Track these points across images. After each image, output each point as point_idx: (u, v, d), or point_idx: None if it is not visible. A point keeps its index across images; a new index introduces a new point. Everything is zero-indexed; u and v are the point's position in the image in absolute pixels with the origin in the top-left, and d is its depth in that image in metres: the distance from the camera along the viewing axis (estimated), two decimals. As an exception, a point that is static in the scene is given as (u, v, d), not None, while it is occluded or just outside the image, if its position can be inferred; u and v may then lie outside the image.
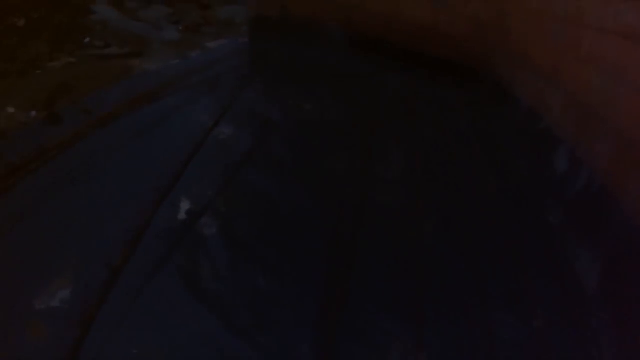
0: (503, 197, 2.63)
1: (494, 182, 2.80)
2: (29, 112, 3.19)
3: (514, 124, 3.37)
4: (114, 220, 1.78)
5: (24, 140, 2.35)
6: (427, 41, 4.38)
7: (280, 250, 1.83)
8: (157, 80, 3.10)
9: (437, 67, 4.36)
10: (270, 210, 2.04)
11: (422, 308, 1.70)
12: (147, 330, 1.39)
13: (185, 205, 1.94)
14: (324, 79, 3.87)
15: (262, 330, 1.47)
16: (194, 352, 1.35)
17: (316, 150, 2.62)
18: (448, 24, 4.38)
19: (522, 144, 3.11)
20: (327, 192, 2.24)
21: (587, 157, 2.37)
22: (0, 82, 3.55)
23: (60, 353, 1.27)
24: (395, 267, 1.88)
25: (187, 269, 1.63)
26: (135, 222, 1.78)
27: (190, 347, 1.36)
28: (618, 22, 2.37)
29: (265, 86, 3.36)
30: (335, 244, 1.92)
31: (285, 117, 2.89)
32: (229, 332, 1.43)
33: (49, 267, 1.53)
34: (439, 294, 1.78)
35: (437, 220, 2.26)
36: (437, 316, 1.68)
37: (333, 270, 1.78)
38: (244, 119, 2.77)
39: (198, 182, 2.10)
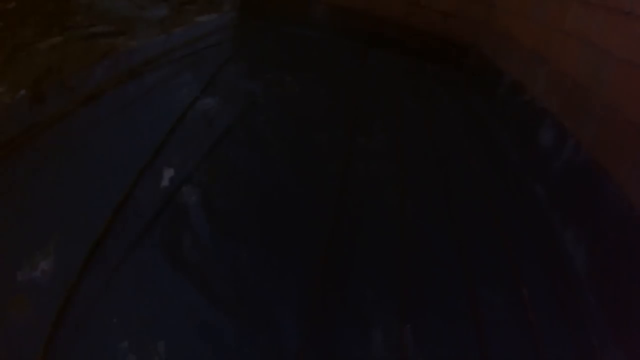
0: (488, 170, 2.64)
1: (479, 155, 2.82)
2: (17, 93, 3.17)
3: (499, 97, 3.39)
4: (97, 193, 1.79)
5: (8, 119, 2.34)
6: (412, 15, 4.37)
7: (262, 224, 1.84)
8: (140, 57, 3.08)
9: (423, 42, 4.36)
10: (253, 183, 2.04)
11: (407, 283, 1.71)
12: (128, 301, 1.40)
13: (167, 174, 1.96)
14: (308, 55, 3.87)
15: (245, 304, 1.48)
16: (176, 324, 1.37)
17: (299, 125, 2.62)
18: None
19: (506, 116, 3.13)
20: (310, 166, 2.25)
21: (572, 130, 2.38)
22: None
23: (43, 324, 1.28)
24: (380, 242, 1.89)
25: (169, 241, 1.64)
26: (118, 194, 1.78)
27: (172, 319, 1.37)
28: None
29: (249, 63, 3.35)
30: (318, 218, 1.93)
31: (268, 93, 2.89)
32: (210, 304, 1.44)
33: (32, 239, 1.53)
34: (423, 270, 1.79)
35: (420, 195, 2.27)
36: (422, 291, 1.70)
37: (316, 244, 1.79)
38: (226, 93, 2.77)
39: (180, 154, 2.10)
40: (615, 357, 1.59)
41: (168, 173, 1.96)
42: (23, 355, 1.22)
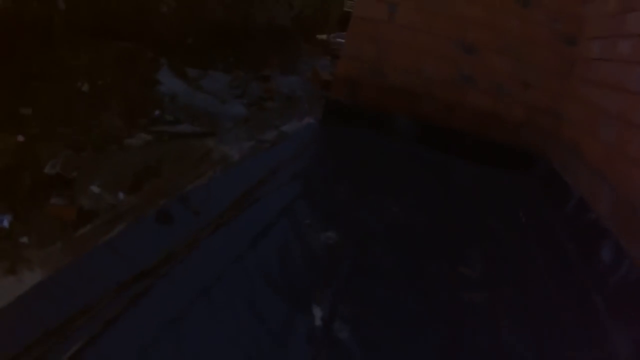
0: (560, 285, 2.81)
1: (548, 268, 2.99)
2: (116, 193, 3.23)
3: (566, 213, 3.50)
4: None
5: (143, 238, 2.38)
6: (487, 127, 4.48)
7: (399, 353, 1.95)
8: (250, 176, 3.16)
9: (497, 152, 4.47)
10: (390, 317, 2.15)
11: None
12: None
13: (317, 313, 2.04)
14: (401, 172, 3.99)
15: None
16: None
17: (413, 255, 2.75)
18: (506, 109, 4.49)
19: (572, 233, 3.24)
20: (431, 296, 2.40)
21: (630, 253, 2.51)
22: (77, 156, 3.58)
23: None
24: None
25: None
26: (277, 332, 1.87)
27: None
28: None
29: (352, 185, 3.46)
30: (440, 346, 2.07)
31: (380, 223, 2.99)
32: None
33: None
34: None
35: (512, 318, 2.41)
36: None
37: None
38: (343, 223, 2.85)
39: (323, 291, 2.18)
40: None
41: (317, 309, 2.06)
42: None
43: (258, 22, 7.51)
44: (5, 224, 2.61)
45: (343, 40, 5.13)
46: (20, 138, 3.41)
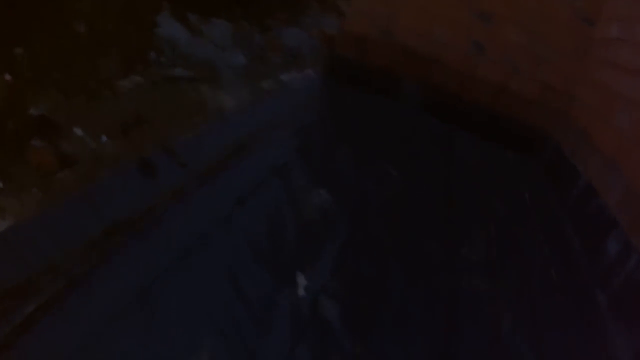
0: (562, 277, 2.70)
1: (554, 261, 2.88)
2: (100, 138, 3.06)
3: (574, 199, 3.39)
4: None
5: (120, 190, 2.21)
6: (496, 101, 4.32)
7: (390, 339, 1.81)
8: (244, 128, 2.98)
9: (505, 130, 4.32)
10: (383, 298, 2.01)
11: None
12: None
13: (302, 286, 1.90)
14: (404, 141, 3.84)
15: None
16: None
17: (411, 231, 2.61)
18: (517, 85, 4.31)
19: (578, 220, 3.15)
20: (427, 279, 2.26)
21: (638, 247, 2.36)
22: (65, 101, 3.40)
23: None
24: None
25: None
26: (259, 302, 1.73)
27: None
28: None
29: (352, 148, 3.31)
30: (435, 335, 1.93)
31: (378, 190, 2.85)
32: None
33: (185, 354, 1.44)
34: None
35: (511, 308, 2.30)
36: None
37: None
38: (340, 189, 2.71)
39: (311, 261, 2.05)
40: None
41: (302, 277, 1.92)
42: None
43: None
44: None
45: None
46: (8, 77, 3.23)
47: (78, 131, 3.11)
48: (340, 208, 2.52)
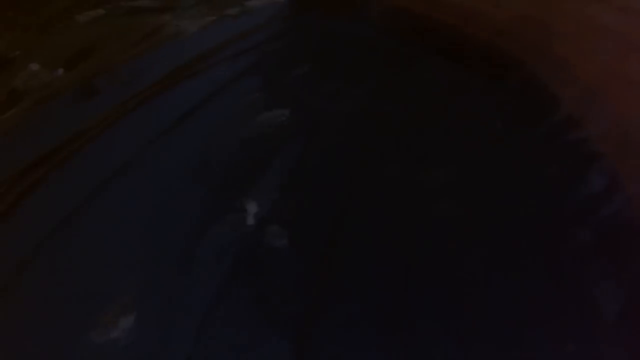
0: (536, 213, 2.58)
1: (529, 194, 2.77)
2: (55, 70, 2.98)
3: (552, 129, 3.28)
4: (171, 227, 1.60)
5: (60, 113, 2.14)
6: (470, 23, 4.17)
7: (343, 269, 1.68)
8: (196, 48, 2.86)
9: (480, 53, 4.19)
10: (342, 228, 1.89)
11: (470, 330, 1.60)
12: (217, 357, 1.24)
13: (252, 210, 1.72)
14: (365, 61, 3.70)
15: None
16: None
17: (370, 151, 2.48)
18: (492, 7, 4.14)
19: (557, 150, 3.03)
20: (391, 206, 2.09)
21: (623, 182, 2.31)
22: (21, 37, 3.30)
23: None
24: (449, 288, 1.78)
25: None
26: (195, 230, 1.56)
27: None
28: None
29: (311, 67, 3.17)
30: (392, 264, 1.79)
31: (336, 110, 2.72)
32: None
33: (103, 290, 1.35)
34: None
35: (482, 237, 2.18)
36: (481, 333, 1.59)
37: (391, 292, 1.64)
38: (294, 105, 2.58)
39: (260, 182, 1.93)
40: None
41: (253, 204, 1.74)
42: None
43: None
44: None
45: None
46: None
47: (34, 66, 3.04)
48: (293, 126, 2.41)
